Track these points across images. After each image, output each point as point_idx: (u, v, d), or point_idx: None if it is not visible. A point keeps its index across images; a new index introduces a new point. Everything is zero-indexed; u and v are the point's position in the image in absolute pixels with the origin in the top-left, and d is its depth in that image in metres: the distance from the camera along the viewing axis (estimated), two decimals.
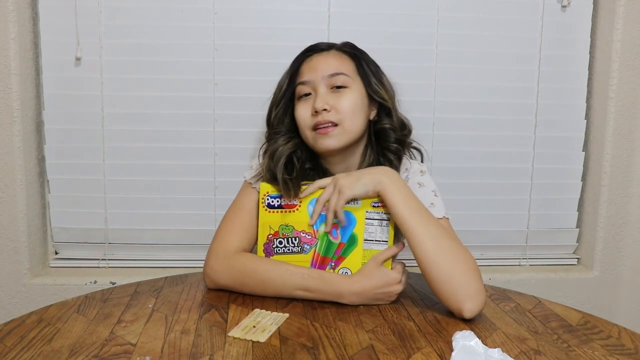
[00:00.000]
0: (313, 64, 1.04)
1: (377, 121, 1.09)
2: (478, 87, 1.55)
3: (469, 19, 1.52)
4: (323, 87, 1.02)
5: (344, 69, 1.03)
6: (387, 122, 1.07)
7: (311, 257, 1.00)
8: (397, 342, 0.82)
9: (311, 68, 1.04)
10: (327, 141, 1.02)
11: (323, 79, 1.02)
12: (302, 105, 1.05)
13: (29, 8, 1.42)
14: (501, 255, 1.64)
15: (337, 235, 1.00)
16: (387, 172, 0.98)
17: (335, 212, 0.96)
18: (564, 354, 0.80)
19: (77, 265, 1.54)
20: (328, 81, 1.02)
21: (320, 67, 1.03)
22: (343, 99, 1.02)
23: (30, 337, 0.82)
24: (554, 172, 1.62)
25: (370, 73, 1.07)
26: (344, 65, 1.04)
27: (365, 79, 1.06)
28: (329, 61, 1.04)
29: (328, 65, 1.03)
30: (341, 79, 1.02)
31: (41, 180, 1.51)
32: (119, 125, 1.49)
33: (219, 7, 1.47)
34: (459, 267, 0.91)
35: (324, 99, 1.01)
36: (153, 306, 0.95)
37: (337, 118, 1.02)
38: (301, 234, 1.01)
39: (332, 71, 1.02)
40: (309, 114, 1.03)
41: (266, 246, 1.02)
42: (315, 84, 1.03)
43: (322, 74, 1.02)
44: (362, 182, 0.96)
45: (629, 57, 1.52)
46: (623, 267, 1.62)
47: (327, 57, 1.05)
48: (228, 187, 1.47)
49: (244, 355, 0.77)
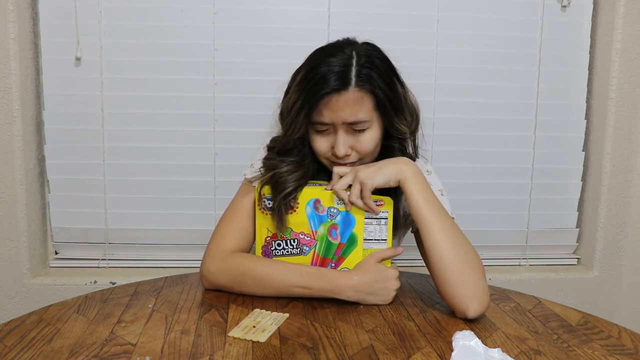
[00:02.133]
0: (332, 105, 0.96)
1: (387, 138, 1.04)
2: (478, 87, 1.56)
3: (469, 19, 1.53)
4: (342, 129, 0.98)
5: (363, 115, 0.97)
6: (398, 144, 1.05)
7: (310, 258, 1.00)
8: (397, 342, 0.82)
9: (330, 109, 0.96)
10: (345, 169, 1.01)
11: (343, 123, 0.97)
12: (320, 139, 1.00)
13: (29, 8, 1.42)
14: (501, 255, 1.64)
15: (336, 235, 1.00)
16: (408, 162, 0.97)
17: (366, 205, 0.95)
18: (564, 354, 0.80)
19: (77, 265, 1.54)
20: (348, 126, 0.98)
21: (339, 112, 0.96)
22: (363, 141, 0.99)
23: (30, 337, 0.82)
24: (554, 172, 1.62)
25: (391, 110, 0.99)
26: (364, 108, 0.97)
27: (384, 117, 1.00)
28: (347, 106, 0.96)
29: (347, 110, 0.96)
30: (360, 125, 0.98)
31: (41, 180, 1.51)
32: (119, 125, 1.49)
33: (219, 7, 1.47)
34: (470, 266, 0.92)
35: (345, 143, 0.98)
36: (153, 306, 0.95)
37: (357, 157, 1.00)
38: (300, 236, 1.00)
39: (352, 119, 0.96)
40: (327, 148, 1.00)
41: (264, 249, 1.01)
42: (334, 125, 0.98)
43: (342, 119, 0.96)
44: (383, 172, 0.95)
45: (629, 57, 1.52)
46: (623, 267, 1.62)
47: (346, 101, 0.95)
48: (228, 187, 1.46)
49: (244, 355, 0.77)
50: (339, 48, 0.99)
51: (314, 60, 0.98)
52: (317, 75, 0.95)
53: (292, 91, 1.00)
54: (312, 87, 0.95)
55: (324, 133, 1.00)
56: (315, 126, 0.99)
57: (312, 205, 1.00)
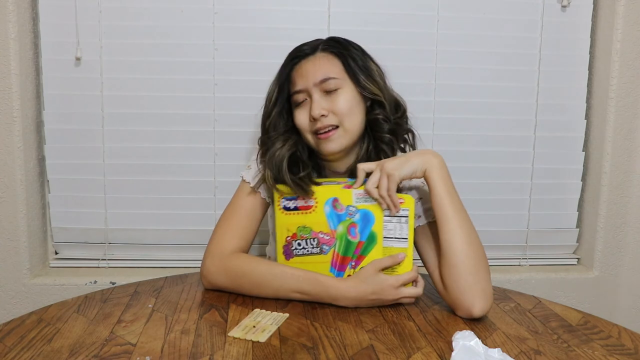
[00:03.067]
0: (302, 71, 1.04)
1: (370, 111, 1.08)
2: (478, 87, 1.55)
3: (469, 19, 1.52)
4: (316, 92, 1.02)
5: (332, 73, 1.02)
6: (380, 111, 1.06)
7: (331, 257, 1.00)
8: (397, 342, 0.82)
9: (301, 75, 1.03)
10: (330, 145, 1.03)
11: (315, 85, 1.02)
12: (301, 112, 1.05)
13: (29, 8, 1.42)
14: (501, 255, 1.64)
15: (355, 234, 1.00)
16: (436, 155, 0.98)
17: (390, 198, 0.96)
18: (564, 354, 0.80)
19: (77, 265, 1.54)
20: (320, 86, 1.02)
21: (309, 74, 1.02)
22: (337, 101, 1.02)
23: (30, 337, 0.82)
24: (554, 172, 1.62)
25: (358, 70, 1.05)
26: (332, 68, 1.03)
27: (354, 78, 1.04)
28: (316, 67, 1.03)
29: (316, 71, 1.02)
30: (332, 83, 1.02)
31: (41, 180, 1.51)
32: (119, 125, 1.49)
33: (219, 7, 1.47)
34: (481, 264, 0.93)
35: (320, 104, 1.01)
36: (153, 306, 0.95)
37: (336, 120, 1.02)
38: (319, 235, 1.00)
39: (322, 77, 1.02)
40: (308, 120, 1.03)
41: (285, 248, 1.01)
42: (308, 91, 1.03)
43: (313, 81, 1.02)
44: (411, 162, 0.96)
45: (629, 57, 1.52)
46: (623, 267, 1.62)
47: (314, 62, 1.04)
48: (228, 187, 1.47)
49: (244, 355, 0.77)
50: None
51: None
52: (289, 56, 1.08)
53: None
54: (285, 64, 1.07)
55: (303, 105, 1.04)
56: (294, 99, 1.05)
57: (331, 204, 1.00)
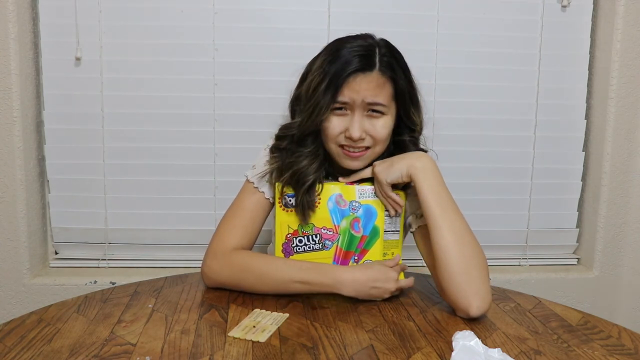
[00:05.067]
0: (355, 85, 0.97)
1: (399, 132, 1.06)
2: (478, 87, 1.56)
3: (469, 19, 1.53)
4: (360, 111, 0.99)
5: (383, 99, 0.99)
6: (408, 134, 1.06)
7: (333, 252, 1.01)
8: (397, 342, 0.82)
9: (352, 89, 0.97)
10: (355, 164, 1.02)
11: (362, 103, 0.98)
12: (335, 120, 1.00)
13: (29, 8, 1.42)
14: (501, 255, 1.64)
15: (359, 228, 1.01)
16: (421, 157, 0.98)
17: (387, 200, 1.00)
18: (564, 354, 0.80)
19: (77, 265, 1.54)
20: (366, 106, 0.99)
21: (361, 92, 0.97)
22: (378, 126, 1.00)
23: (30, 337, 0.82)
24: (554, 172, 1.62)
25: (408, 100, 1.02)
26: (384, 93, 0.99)
27: (401, 107, 1.02)
28: (370, 86, 0.97)
29: (368, 90, 0.97)
30: (379, 109, 0.99)
31: (41, 180, 1.51)
32: (119, 125, 1.49)
33: (219, 7, 1.47)
34: (474, 264, 0.92)
35: (361, 126, 0.99)
36: (153, 306, 0.95)
37: (370, 143, 1.01)
38: (322, 231, 1.01)
39: (372, 100, 0.98)
40: (341, 130, 1.00)
41: (285, 246, 1.01)
42: (353, 105, 0.99)
43: (363, 99, 0.98)
44: (396, 167, 0.98)
45: (629, 57, 1.52)
46: (623, 267, 1.62)
47: (369, 81, 0.97)
48: (228, 187, 1.47)
49: (244, 355, 0.77)
50: (359, 36, 1.02)
51: (335, 46, 1.00)
52: (341, 57, 0.97)
53: (313, 74, 1.00)
54: (337, 67, 0.97)
55: (340, 113, 1.00)
56: (332, 105, 0.99)
57: (334, 200, 1.01)
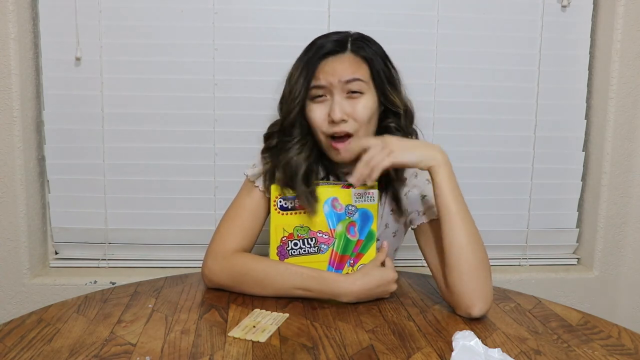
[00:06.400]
0: (329, 68, 1.00)
1: (383, 117, 1.06)
2: (478, 87, 1.55)
3: (469, 19, 1.52)
4: (339, 93, 1.00)
5: (360, 75, 1.00)
6: (393, 120, 1.06)
7: (329, 256, 1.00)
8: (397, 342, 0.82)
9: (327, 72, 1.00)
10: (341, 156, 1.03)
11: (339, 83, 0.99)
12: (317, 108, 1.02)
13: (29, 8, 1.42)
14: (501, 255, 1.64)
15: (354, 233, 1.00)
16: (442, 151, 0.97)
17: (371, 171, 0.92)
18: (564, 354, 0.80)
19: (77, 265, 1.54)
20: (344, 86, 0.99)
21: (336, 72, 0.99)
22: (359, 106, 1.00)
23: (30, 337, 0.82)
24: (554, 172, 1.62)
25: (385, 79, 1.03)
26: (360, 71, 1.01)
27: (379, 87, 1.03)
28: (344, 65, 1.00)
29: (344, 69, 0.99)
30: (357, 84, 0.99)
31: (41, 180, 1.51)
32: (119, 125, 1.49)
33: (219, 7, 1.47)
34: (483, 265, 0.93)
35: (341, 107, 0.99)
36: (153, 306, 0.95)
37: (353, 128, 1.00)
38: (317, 234, 1.00)
39: (349, 77, 0.99)
40: (324, 117, 1.01)
41: (280, 249, 1.01)
42: (331, 89, 1.00)
43: (339, 79, 0.99)
44: (417, 152, 0.94)
45: (629, 57, 1.52)
46: (623, 267, 1.62)
47: (342, 61, 1.00)
48: (228, 187, 1.47)
49: (244, 355, 0.77)
50: (336, 32, 1.06)
51: (312, 40, 1.05)
52: (314, 46, 1.03)
53: (292, 68, 1.04)
54: (311, 54, 1.01)
55: (320, 100, 1.02)
56: (311, 92, 1.01)
57: (330, 203, 1.00)
